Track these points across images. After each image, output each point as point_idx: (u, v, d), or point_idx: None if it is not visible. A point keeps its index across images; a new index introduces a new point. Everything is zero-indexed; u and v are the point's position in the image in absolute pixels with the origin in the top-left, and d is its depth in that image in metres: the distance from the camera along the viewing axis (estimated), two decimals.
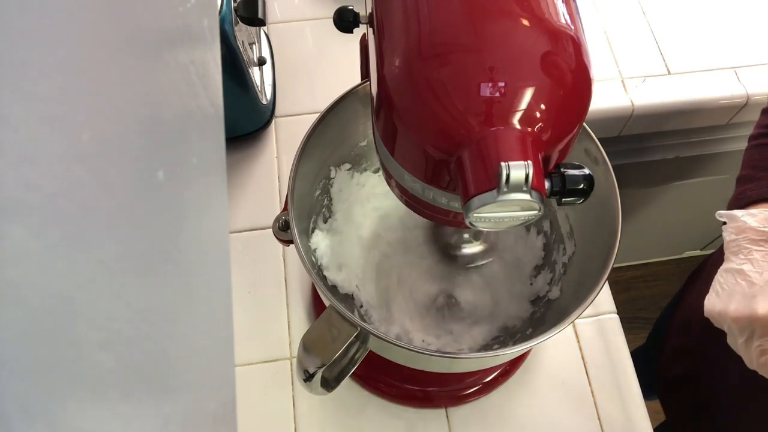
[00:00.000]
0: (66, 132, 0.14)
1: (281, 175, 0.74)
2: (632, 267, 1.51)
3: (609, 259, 0.48)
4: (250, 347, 0.65)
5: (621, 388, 0.65)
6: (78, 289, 0.14)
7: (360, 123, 0.58)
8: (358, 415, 0.63)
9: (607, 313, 0.68)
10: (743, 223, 0.48)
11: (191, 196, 0.22)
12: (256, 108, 0.70)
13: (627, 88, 0.80)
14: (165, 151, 0.20)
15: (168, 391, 0.20)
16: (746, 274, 0.47)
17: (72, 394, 0.14)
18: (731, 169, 0.77)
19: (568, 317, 0.46)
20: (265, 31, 0.80)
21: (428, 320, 0.60)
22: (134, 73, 0.17)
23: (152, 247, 0.18)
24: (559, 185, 0.33)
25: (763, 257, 0.46)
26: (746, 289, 0.46)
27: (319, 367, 0.45)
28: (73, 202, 0.14)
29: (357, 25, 0.44)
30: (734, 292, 0.47)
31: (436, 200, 0.38)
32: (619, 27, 0.84)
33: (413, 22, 0.34)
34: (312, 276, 0.48)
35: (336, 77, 0.79)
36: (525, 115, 0.32)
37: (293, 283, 0.68)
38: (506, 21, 0.33)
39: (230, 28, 0.59)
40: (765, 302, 0.45)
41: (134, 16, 0.18)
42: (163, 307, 0.19)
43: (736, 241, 0.48)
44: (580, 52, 0.34)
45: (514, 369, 0.64)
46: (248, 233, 0.71)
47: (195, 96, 0.22)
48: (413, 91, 0.34)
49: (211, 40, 0.24)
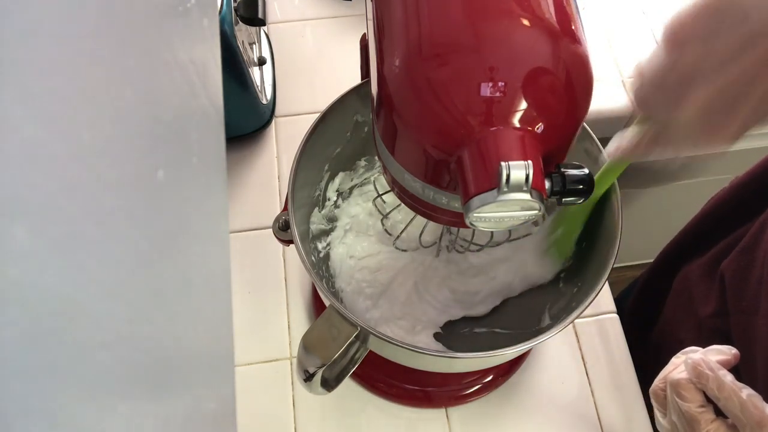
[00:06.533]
0: (66, 132, 0.14)
1: (281, 175, 0.74)
2: (632, 267, 1.51)
3: (609, 259, 0.48)
4: (250, 347, 0.65)
5: (621, 388, 0.65)
6: (78, 289, 0.14)
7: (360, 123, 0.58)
8: (358, 415, 0.63)
9: (607, 313, 0.68)
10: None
11: (191, 196, 0.22)
12: (256, 108, 0.70)
13: (627, 88, 0.80)
14: (165, 151, 0.20)
15: (168, 391, 0.20)
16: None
17: (72, 394, 0.14)
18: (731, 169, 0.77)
19: (568, 317, 0.46)
20: (265, 31, 0.80)
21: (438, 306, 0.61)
22: (134, 73, 0.17)
23: (152, 246, 0.18)
24: (559, 185, 0.33)
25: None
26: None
27: (319, 367, 0.45)
28: (73, 202, 0.14)
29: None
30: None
31: (436, 200, 0.38)
32: (619, 27, 0.84)
33: (413, 22, 0.34)
34: (312, 276, 0.48)
35: (336, 77, 0.79)
36: (525, 114, 0.32)
37: (293, 283, 0.68)
38: (506, 21, 0.33)
39: (230, 28, 0.59)
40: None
41: (134, 16, 0.18)
42: (163, 307, 0.19)
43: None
44: (580, 51, 0.34)
45: (514, 369, 0.64)
46: (248, 233, 0.71)
47: (195, 96, 0.22)
48: (413, 91, 0.34)
49: (211, 40, 0.24)
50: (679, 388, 0.44)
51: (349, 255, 0.63)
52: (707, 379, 0.42)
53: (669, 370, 0.46)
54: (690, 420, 0.43)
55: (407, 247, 0.62)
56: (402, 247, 0.62)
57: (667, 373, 0.46)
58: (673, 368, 0.46)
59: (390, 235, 0.61)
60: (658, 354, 0.71)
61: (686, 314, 0.67)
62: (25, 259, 0.12)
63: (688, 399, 0.43)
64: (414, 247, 0.61)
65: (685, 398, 0.43)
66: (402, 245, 0.62)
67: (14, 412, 0.12)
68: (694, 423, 0.43)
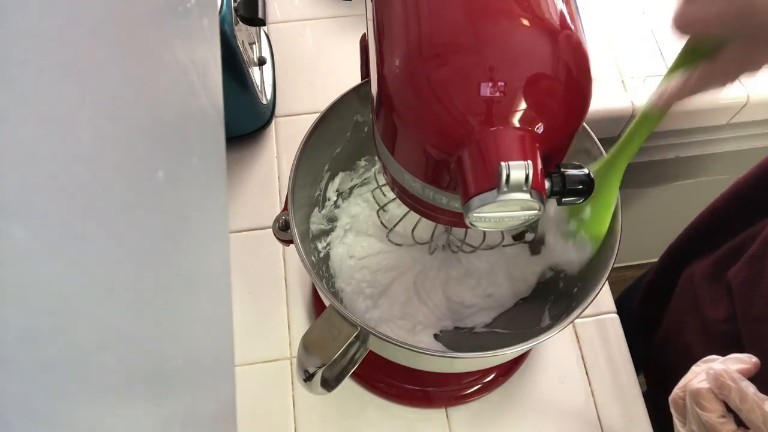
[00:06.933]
0: (66, 132, 0.14)
1: (281, 175, 0.74)
2: (632, 267, 1.51)
3: (609, 259, 0.48)
4: (250, 347, 0.65)
5: (621, 388, 0.65)
6: (78, 289, 0.14)
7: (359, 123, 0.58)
8: (358, 415, 0.63)
9: (607, 313, 0.68)
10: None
11: (191, 196, 0.22)
12: (256, 108, 0.70)
13: (627, 88, 0.80)
14: (165, 151, 0.20)
15: (168, 391, 0.20)
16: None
17: (72, 394, 0.14)
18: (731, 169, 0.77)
19: (568, 317, 0.46)
20: (265, 31, 0.80)
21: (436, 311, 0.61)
22: (134, 73, 0.17)
23: (152, 247, 0.18)
24: (559, 185, 0.33)
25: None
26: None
27: (319, 367, 0.45)
28: (73, 202, 0.14)
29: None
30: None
31: (436, 200, 0.38)
32: (619, 27, 0.84)
33: (413, 22, 0.34)
34: (312, 276, 0.48)
35: (336, 77, 0.79)
36: (525, 114, 0.32)
37: (293, 283, 0.68)
38: (506, 21, 0.33)
39: (230, 28, 0.59)
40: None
41: (134, 17, 0.18)
42: (163, 307, 0.19)
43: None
44: (580, 51, 0.34)
45: (514, 369, 0.64)
46: (248, 233, 0.71)
47: (195, 96, 0.22)
48: (413, 91, 0.34)
49: (211, 40, 0.24)
50: (699, 398, 0.43)
51: (349, 255, 0.63)
52: (729, 390, 0.42)
53: (689, 378, 0.46)
54: (710, 430, 0.43)
55: (401, 241, 0.62)
56: (396, 241, 0.62)
57: (686, 382, 0.46)
58: (693, 376, 0.45)
59: (386, 228, 0.61)
60: (663, 355, 0.71)
61: (691, 316, 0.66)
62: (25, 259, 0.12)
63: (709, 409, 0.43)
64: (409, 243, 0.61)
65: (706, 408, 0.43)
66: (396, 239, 0.61)
67: (14, 412, 0.12)
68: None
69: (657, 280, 0.77)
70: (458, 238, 0.61)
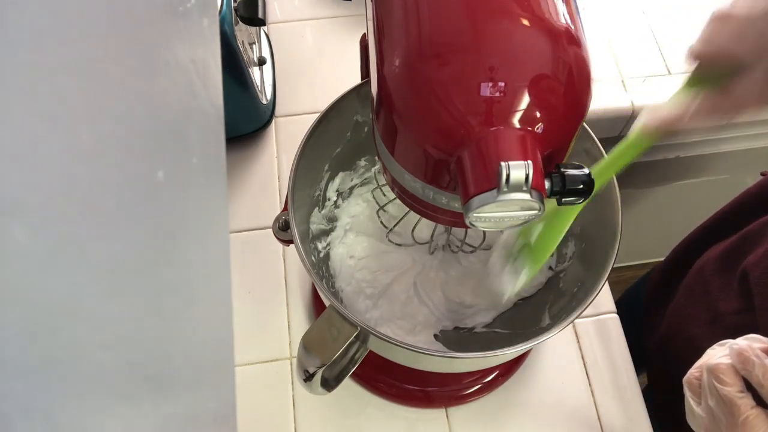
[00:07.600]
0: (66, 132, 0.14)
1: (281, 175, 0.74)
2: (632, 267, 1.51)
3: (609, 259, 0.48)
4: (250, 347, 0.65)
5: (621, 388, 0.65)
6: (78, 289, 0.14)
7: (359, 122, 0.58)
8: (358, 415, 0.63)
9: (607, 313, 0.68)
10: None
11: (191, 196, 0.22)
12: (256, 108, 0.70)
13: (627, 88, 0.80)
14: (165, 151, 0.20)
15: (168, 391, 0.20)
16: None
17: (72, 394, 0.14)
18: (731, 169, 0.77)
19: (568, 317, 0.46)
20: (265, 31, 0.80)
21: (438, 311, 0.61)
22: (134, 73, 0.17)
23: (152, 247, 0.18)
24: (559, 185, 0.33)
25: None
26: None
27: (319, 367, 0.45)
28: (73, 202, 0.14)
29: None
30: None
31: (436, 200, 0.38)
32: (619, 27, 0.84)
33: (413, 22, 0.34)
34: (312, 276, 0.48)
35: (336, 77, 0.79)
36: (525, 114, 0.32)
37: (293, 283, 0.68)
38: (506, 21, 0.33)
39: (230, 28, 0.59)
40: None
41: (134, 16, 0.18)
42: (163, 307, 0.19)
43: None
44: (580, 51, 0.34)
45: (514, 369, 0.64)
46: (248, 233, 0.71)
47: (195, 96, 0.22)
48: (413, 91, 0.34)
49: (211, 40, 0.24)
50: (718, 372, 0.43)
51: (349, 255, 0.63)
52: (753, 366, 0.41)
53: (704, 359, 0.45)
54: (729, 404, 0.42)
55: (401, 241, 0.62)
56: (396, 241, 0.62)
57: (703, 362, 0.45)
58: (707, 358, 0.45)
59: (386, 228, 0.61)
60: (666, 348, 0.70)
61: (700, 309, 0.66)
62: (25, 259, 0.12)
63: (729, 383, 0.42)
64: (409, 243, 0.61)
65: (725, 383, 0.42)
66: (396, 239, 0.61)
67: (14, 412, 0.12)
68: (734, 407, 0.42)
69: (666, 278, 0.77)
70: (458, 238, 0.61)
